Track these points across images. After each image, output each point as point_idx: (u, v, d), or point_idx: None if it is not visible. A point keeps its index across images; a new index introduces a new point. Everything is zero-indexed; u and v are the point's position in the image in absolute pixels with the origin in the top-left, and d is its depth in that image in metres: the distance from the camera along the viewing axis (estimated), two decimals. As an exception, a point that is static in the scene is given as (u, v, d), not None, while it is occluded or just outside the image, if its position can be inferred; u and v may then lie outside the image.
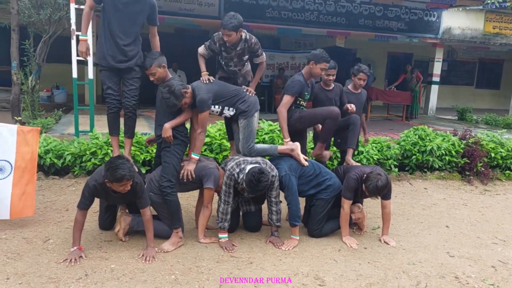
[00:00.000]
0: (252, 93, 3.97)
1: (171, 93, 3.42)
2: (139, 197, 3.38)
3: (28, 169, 3.77)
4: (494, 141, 6.55)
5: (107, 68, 3.80)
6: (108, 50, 3.75)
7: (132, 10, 3.76)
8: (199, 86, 3.71)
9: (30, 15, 7.58)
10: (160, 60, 3.57)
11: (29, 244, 3.51)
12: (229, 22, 3.68)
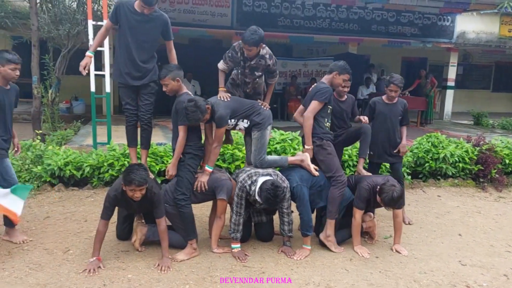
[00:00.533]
0: (266, 107, 4.06)
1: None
2: (155, 207, 3.50)
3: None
4: (508, 147, 6.51)
5: (125, 85, 3.95)
6: (125, 68, 3.89)
7: (146, 27, 3.88)
8: (217, 103, 3.81)
9: (50, 30, 7.85)
10: (175, 73, 3.69)
11: (50, 255, 3.65)
12: (250, 38, 3.72)
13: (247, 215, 4.01)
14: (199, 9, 11.44)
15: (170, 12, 11.09)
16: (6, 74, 3.62)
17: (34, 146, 5.59)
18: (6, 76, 3.64)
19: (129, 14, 3.80)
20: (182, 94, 3.75)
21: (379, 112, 4.68)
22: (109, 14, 3.94)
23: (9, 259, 3.53)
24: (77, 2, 8.24)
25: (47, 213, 4.62)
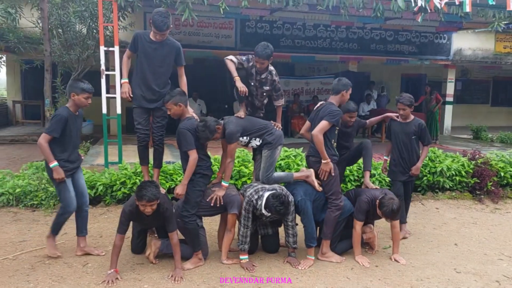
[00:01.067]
0: (279, 127, 4.35)
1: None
2: (167, 221, 3.76)
3: None
4: (503, 160, 6.75)
5: (139, 107, 4.25)
6: (140, 91, 4.20)
7: (160, 53, 4.20)
8: (229, 121, 4.12)
9: (61, 55, 8.22)
10: (177, 99, 3.93)
11: (70, 268, 3.90)
12: (264, 52, 4.07)
13: (254, 228, 4.26)
14: (204, 31, 11.86)
15: (176, 34, 11.51)
16: (79, 102, 3.90)
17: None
18: (79, 104, 3.91)
19: (145, 43, 4.14)
20: (185, 119, 3.97)
21: (393, 131, 4.88)
22: (129, 44, 4.26)
23: (33, 272, 3.79)
24: (87, 28, 8.63)
25: (64, 230, 4.83)
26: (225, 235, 4.07)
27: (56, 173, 3.84)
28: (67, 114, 3.85)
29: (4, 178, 5.77)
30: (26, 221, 5.08)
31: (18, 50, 9.12)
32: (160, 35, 4.08)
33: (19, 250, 4.26)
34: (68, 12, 8.39)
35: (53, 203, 5.49)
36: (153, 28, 4.05)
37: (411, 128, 4.75)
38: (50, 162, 3.83)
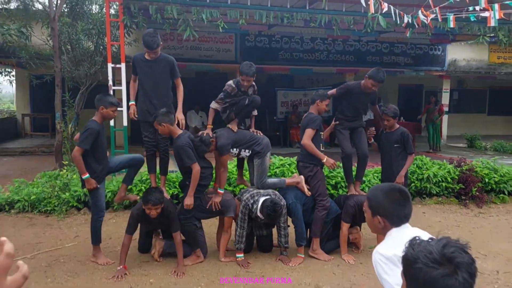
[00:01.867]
0: (260, 133, 4.77)
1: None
2: (171, 223, 4.18)
3: None
4: (488, 167, 7.13)
5: (145, 121, 4.68)
6: (144, 106, 4.63)
7: (156, 70, 4.60)
8: (220, 134, 4.55)
9: (71, 71, 8.71)
10: (159, 119, 4.23)
11: (83, 265, 4.32)
12: (250, 70, 4.51)
13: (250, 230, 4.67)
14: (205, 46, 12.36)
15: (178, 49, 12.03)
16: (107, 115, 4.30)
17: (62, 176, 6.32)
18: (107, 116, 4.31)
19: (142, 63, 4.58)
20: (177, 137, 4.27)
21: (381, 140, 5.21)
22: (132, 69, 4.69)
23: (50, 269, 4.21)
24: (95, 45, 9.13)
25: (76, 233, 5.31)
26: (222, 235, 4.49)
27: (88, 184, 4.21)
28: (98, 127, 4.21)
29: (20, 186, 6.22)
30: (40, 226, 5.51)
31: (29, 66, 9.62)
32: (153, 53, 4.47)
33: (35, 250, 4.68)
34: (77, 29, 8.89)
35: (65, 209, 5.92)
36: (145, 48, 4.47)
37: (394, 137, 5.01)
38: (83, 174, 4.18)
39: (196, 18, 6.81)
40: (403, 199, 1.91)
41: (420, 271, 1.20)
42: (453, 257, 1.18)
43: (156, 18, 6.74)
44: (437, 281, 1.17)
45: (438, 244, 1.21)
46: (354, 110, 5.18)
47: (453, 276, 1.16)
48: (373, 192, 1.99)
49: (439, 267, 1.18)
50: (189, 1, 6.98)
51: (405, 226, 1.90)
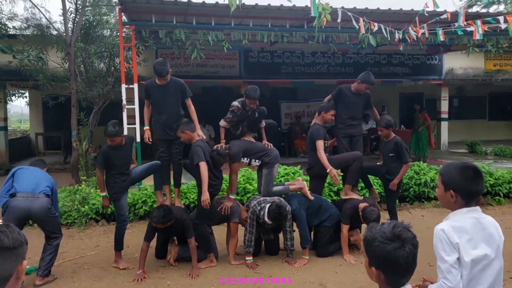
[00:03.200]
0: (270, 145, 5.20)
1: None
2: (185, 230, 4.59)
3: None
4: (483, 171, 7.47)
5: (160, 138, 5.11)
6: (160, 126, 5.06)
7: (168, 94, 5.05)
8: (232, 144, 5.05)
9: (85, 91, 9.22)
10: (182, 127, 4.78)
11: (106, 271, 4.73)
12: (256, 94, 5.03)
13: (258, 235, 5.06)
14: (211, 63, 12.86)
15: (185, 66, 12.53)
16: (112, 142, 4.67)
17: (80, 190, 6.76)
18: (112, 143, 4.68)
19: (154, 89, 5.03)
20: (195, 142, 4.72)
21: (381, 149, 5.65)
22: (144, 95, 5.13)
23: (76, 275, 4.63)
24: (107, 66, 9.65)
25: (96, 243, 5.72)
26: (230, 240, 4.89)
27: (103, 201, 4.85)
28: (107, 149, 4.72)
29: (42, 201, 6.65)
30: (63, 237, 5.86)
31: (45, 88, 10.15)
32: (163, 79, 4.95)
33: (61, 259, 5.09)
34: (90, 53, 9.43)
35: (85, 221, 6.35)
36: (156, 75, 4.96)
37: (389, 147, 5.32)
38: (101, 192, 4.83)
39: (202, 40, 7.29)
40: (477, 176, 2.01)
41: (377, 247, 1.57)
42: (400, 234, 1.56)
43: (165, 42, 7.23)
44: (390, 253, 1.54)
45: (389, 226, 1.60)
46: (349, 111, 5.56)
47: (402, 248, 1.54)
48: (446, 169, 2.09)
49: (391, 242, 1.55)
50: (196, 24, 7.48)
51: (473, 210, 2.01)
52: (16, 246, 1.33)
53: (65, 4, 8.80)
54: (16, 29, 11.06)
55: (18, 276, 1.34)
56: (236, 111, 5.13)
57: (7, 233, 1.32)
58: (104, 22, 10.03)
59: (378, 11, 8.09)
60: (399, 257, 1.53)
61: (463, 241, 1.91)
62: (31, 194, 4.26)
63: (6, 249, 1.30)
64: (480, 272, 1.94)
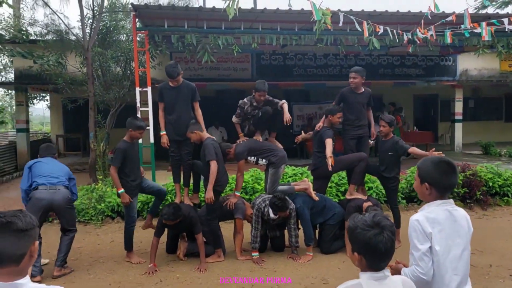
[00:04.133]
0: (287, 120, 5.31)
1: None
2: (193, 226, 4.81)
3: None
4: (492, 172, 7.51)
5: (172, 139, 5.35)
6: (171, 127, 5.30)
7: (180, 96, 5.29)
8: (239, 144, 5.30)
9: (102, 95, 9.57)
10: (191, 128, 5.02)
11: (119, 264, 4.99)
12: (264, 86, 5.33)
13: (264, 232, 5.25)
14: (223, 66, 13.11)
15: (199, 70, 12.81)
16: (134, 136, 4.98)
17: (97, 189, 7.06)
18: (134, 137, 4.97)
19: (167, 91, 5.28)
20: (205, 140, 4.98)
21: (378, 147, 5.77)
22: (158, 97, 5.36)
23: (91, 268, 4.90)
24: (123, 70, 9.98)
25: (111, 238, 6.00)
26: (236, 236, 5.09)
27: (122, 198, 4.95)
28: (125, 146, 4.93)
29: (60, 199, 6.98)
30: (80, 233, 6.18)
31: (65, 91, 10.55)
32: (175, 81, 5.19)
33: (78, 253, 5.37)
34: (106, 57, 9.77)
35: (101, 218, 6.65)
36: (168, 77, 5.20)
37: (387, 145, 5.38)
38: (118, 189, 4.94)
39: (213, 44, 7.53)
40: (450, 170, 2.14)
41: (359, 234, 1.76)
42: (379, 222, 1.75)
43: (177, 46, 7.50)
44: (370, 238, 1.73)
45: (370, 215, 1.79)
46: (354, 112, 5.70)
47: (381, 234, 1.72)
48: (423, 163, 2.21)
49: (371, 229, 1.74)
50: (207, 29, 7.72)
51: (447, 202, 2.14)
52: (29, 228, 1.54)
53: (83, 11, 9.16)
54: (36, 34, 11.53)
55: (31, 255, 1.56)
56: (243, 105, 5.41)
57: (20, 217, 1.54)
58: (120, 27, 10.37)
59: (387, 13, 8.20)
60: (379, 242, 1.71)
61: (435, 231, 2.07)
62: (53, 186, 4.59)
63: (20, 231, 1.52)
64: (449, 261, 2.08)
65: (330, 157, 5.06)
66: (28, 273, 1.57)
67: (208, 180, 4.77)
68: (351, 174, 5.66)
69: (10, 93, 22.84)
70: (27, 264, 1.54)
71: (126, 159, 4.91)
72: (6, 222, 1.49)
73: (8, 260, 1.48)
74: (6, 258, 1.48)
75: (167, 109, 5.33)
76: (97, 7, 9.40)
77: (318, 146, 5.49)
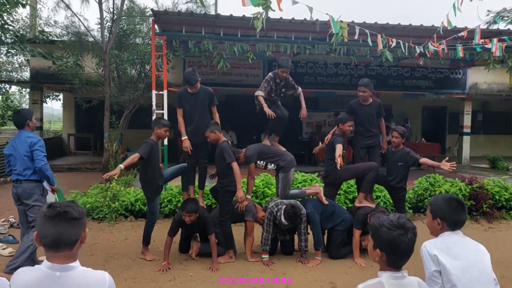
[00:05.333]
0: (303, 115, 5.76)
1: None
2: (207, 227, 4.97)
3: None
4: (498, 185, 7.61)
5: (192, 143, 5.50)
6: (190, 131, 5.46)
7: (199, 101, 5.47)
8: (249, 147, 5.46)
9: (117, 96, 9.80)
10: (211, 128, 5.18)
11: (134, 261, 5.15)
12: (288, 63, 5.55)
13: (275, 235, 5.39)
14: (235, 72, 13.32)
15: (211, 74, 13.02)
16: (161, 134, 5.22)
17: (112, 187, 7.25)
18: (160, 135, 5.22)
19: (186, 97, 5.45)
20: (222, 142, 5.18)
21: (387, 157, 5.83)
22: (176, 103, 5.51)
23: (107, 263, 5.07)
24: (138, 73, 10.22)
25: (125, 237, 6.17)
26: (246, 239, 5.25)
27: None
28: (153, 142, 5.10)
29: (76, 197, 7.19)
30: (95, 230, 6.40)
31: (80, 91, 10.80)
32: (194, 87, 5.38)
33: (93, 249, 5.55)
34: (123, 59, 10.02)
35: (115, 216, 6.83)
36: (187, 84, 5.39)
37: (397, 156, 5.55)
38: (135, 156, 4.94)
39: (228, 50, 7.73)
40: (460, 207, 2.40)
41: (384, 233, 1.89)
42: (404, 223, 1.89)
43: (194, 51, 7.70)
44: (395, 238, 1.86)
45: (395, 216, 1.94)
46: (363, 122, 5.85)
47: (405, 235, 1.87)
48: (435, 199, 2.46)
49: (396, 229, 1.88)
50: (223, 36, 7.93)
51: (456, 233, 2.38)
52: (81, 217, 1.74)
53: (103, 14, 9.41)
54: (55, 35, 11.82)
55: (82, 241, 1.74)
56: (269, 79, 5.58)
57: (74, 207, 1.73)
58: (137, 31, 10.61)
59: (399, 26, 8.37)
60: (402, 243, 1.85)
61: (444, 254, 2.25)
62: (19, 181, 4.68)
63: (75, 219, 1.70)
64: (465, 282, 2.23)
65: (339, 156, 5.21)
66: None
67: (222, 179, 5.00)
68: (360, 183, 5.78)
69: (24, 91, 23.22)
70: (77, 249, 1.72)
71: (150, 156, 5.02)
72: (63, 211, 1.67)
73: (64, 245, 1.66)
74: (63, 243, 1.66)
75: (186, 115, 5.50)
76: (117, 11, 9.65)
77: (330, 153, 5.63)
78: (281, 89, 5.70)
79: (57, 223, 1.66)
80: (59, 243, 1.66)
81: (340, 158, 5.16)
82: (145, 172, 5.13)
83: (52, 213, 1.68)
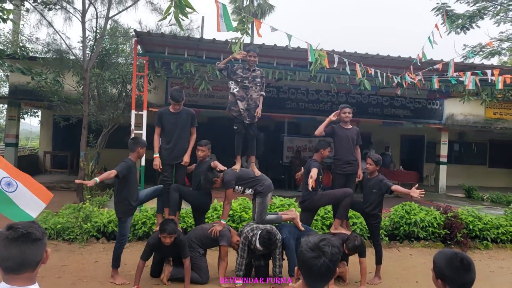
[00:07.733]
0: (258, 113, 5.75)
1: (207, 182, 5.11)
2: (181, 250, 4.87)
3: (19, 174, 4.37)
4: (472, 215, 7.72)
5: (168, 163, 5.47)
6: (169, 151, 5.44)
7: (180, 121, 5.48)
8: (226, 172, 5.38)
9: (96, 115, 9.69)
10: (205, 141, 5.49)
11: (103, 285, 5.01)
12: (256, 48, 5.63)
13: (249, 260, 5.31)
14: (218, 94, 13.35)
15: (193, 96, 13.02)
16: (142, 154, 5.20)
17: (85, 208, 7.07)
18: (141, 154, 5.20)
19: (167, 116, 5.45)
20: (207, 161, 5.27)
21: (362, 183, 5.91)
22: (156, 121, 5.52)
23: (74, 286, 4.91)
24: (119, 92, 10.16)
25: (95, 259, 5.99)
26: (220, 264, 5.16)
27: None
28: (132, 163, 5.07)
29: (47, 216, 6.98)
30: (64, 251, 6.20)
31: (59, 109, 10.64)
32: (178, 105, 5.39)
33: (61, 272, 5.36)
34: (104, 78, 9.96)
35: (86, 237, 6.64)
36: (172, 101, 5.38)
37: (372, 182, 5.56)
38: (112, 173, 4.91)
39: (210, 73, 7.77)
40: (464, 268, 2.04)
41: (301, 253, 1.84)
42: (322, 247, 1.80)
43: (176, 73, 7.72)
44: (308, 260, 1.79)
45: (318, 238, 1.85)
46: (344, 146, 5.91)
47: (318, 259, 1.78)
48: (437, 257, 2.17)
49: (311, 252, 1.80)
50: (206, 59, 7.98)
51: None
52: (44, 237, 1.69)
53: (85, 32, 9.38)
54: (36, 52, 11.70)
55: (43, 261, 1.71)
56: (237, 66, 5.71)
57: (36, 227, 1.68)
58: (120, 50, 10.61)
59: (378, 56, 8.58)
60: (313, 265, 1.78)
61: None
62: None
63: (38, 240, 1.66)
64: None
65: (311, 177, 5.21)
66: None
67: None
68: (337, 208, 5.79)
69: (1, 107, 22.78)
70: (38, 270, 1.66)
71: (127, 176, 4.99)
72: (26, 232, 1.63)
73: (28, 267, 1.62)
74: (27, 265, 1.61)
75: (165, 134, 5.47)
76: (100, 30, 9.66)
77: (307, 178, 5.64)
78: (254, 78, 5.65)
79: (20, 244, 1.62)
80: (23, 265, 1.62)
81: (313, 180, 5.15)
82: (120, 191, 5.07)
83: (15, 235, 1.64)
